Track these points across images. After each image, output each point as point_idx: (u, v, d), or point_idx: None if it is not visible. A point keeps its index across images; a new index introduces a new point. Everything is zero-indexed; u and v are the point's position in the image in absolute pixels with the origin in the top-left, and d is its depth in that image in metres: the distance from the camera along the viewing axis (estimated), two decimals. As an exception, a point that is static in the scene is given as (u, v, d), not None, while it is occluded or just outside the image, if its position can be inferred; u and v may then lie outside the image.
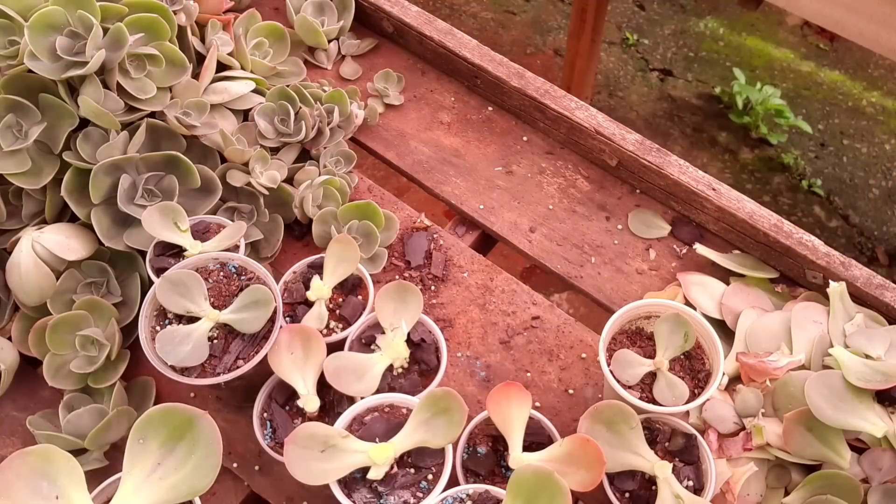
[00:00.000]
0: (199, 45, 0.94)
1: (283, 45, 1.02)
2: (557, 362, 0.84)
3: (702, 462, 0.68)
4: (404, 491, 0.63)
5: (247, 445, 0.79)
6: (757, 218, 0.85)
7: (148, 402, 0.80)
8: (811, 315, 0.80)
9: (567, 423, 0.73)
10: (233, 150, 0.87)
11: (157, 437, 0.54)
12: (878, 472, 0.69)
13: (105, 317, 0.78)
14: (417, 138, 1.00)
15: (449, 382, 0.81)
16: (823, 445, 0.70)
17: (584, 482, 0.61)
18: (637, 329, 0.75)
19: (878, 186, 2.23)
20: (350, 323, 0.77)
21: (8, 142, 0.77)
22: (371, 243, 0.86)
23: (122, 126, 0.81)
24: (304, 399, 0.70)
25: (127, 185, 0.80)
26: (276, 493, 0.76)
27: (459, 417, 0.63)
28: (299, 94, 0.93)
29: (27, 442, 0.78)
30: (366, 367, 0.71)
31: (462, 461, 0.69)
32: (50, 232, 0.79)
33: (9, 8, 0.79)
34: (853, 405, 0.69)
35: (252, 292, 0.71)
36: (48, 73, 0.76)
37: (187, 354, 0.68)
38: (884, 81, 2.42)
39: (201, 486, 0.54)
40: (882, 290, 0.81)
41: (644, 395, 0.71)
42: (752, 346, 0.80)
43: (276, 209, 0.89)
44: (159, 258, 0.78)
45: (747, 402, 0.76)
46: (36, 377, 0.81)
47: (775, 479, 0.73)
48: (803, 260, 0.84)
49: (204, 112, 0.86)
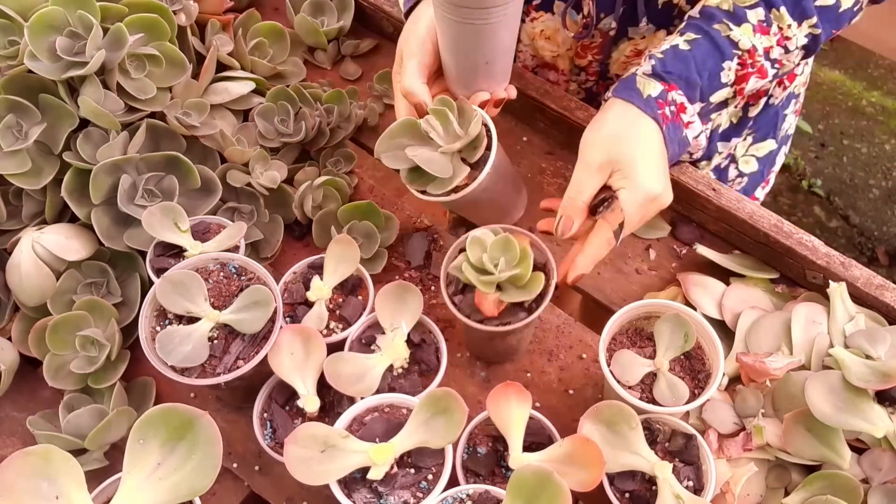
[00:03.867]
0: (199, 45, 0.94)
1: (283, 45, 1.02)
2: (557, 362, 0.84)
3: (702, 462, 0.68)
4: (404, 491, 0.63)
5: (247, 445, 0.79)
6: (757, 218, 0.85)
7: (148, 403, 0.80)
8: (811, 315, 0.80)
9: (567, 423, 0.73)
10: (233, 150, 0.87)
11: (157, 438, 0.54)
12: (878, 472, 0.69)
13: (105, 317, 0.78)
14: (417, 138, 1.00)
15: (449, 382, 0.81)
16: (823, 445, 0.70)
17: (584, 482, 0.61)
18: (637, 329, 0.75)
19: (878, 186, 2.23)
20: (350, 323, 0.77)
21: (8, 142, 0.77)
22: (371, 243, 0.86)
23: (122, 126, 0.81)
24: (304, 399, 0.70)
25: (127, 186, 0.80)
26: (276, 493, 0.76)
27: (459, 417, 0.63)
28: (299, 94, 0.93)
29: (27, 442, 0.78)
30: (366, 368, 0.71)
31: (462, 461, 0.69)
32: (50, 232, 0.79)
33: (9, 8, 0.79)
34: (853, 405, 0.69)
35: (252, 293, 0.71)
36: (48, 73, 0.76)
37: (187, 354, 0.68)
38: (884, 81, 2.42)
39: (201, 486, 0.54)
40: (882, 290, 0.81)
41: (644, 396, 0.71)
42: (752, 347, 0.80)
43: (276, 209, 0.89)
44: (159, 258, 0.78)
45: (747, 403, 0.76)
46: (36, 377, 0.81)
47: (775, 479, 0.73)
48: (803, 260, 0.84)
49: (204, 112, 0.86)
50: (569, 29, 0.94)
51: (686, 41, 0.77)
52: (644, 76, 0.76)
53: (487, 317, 0.71)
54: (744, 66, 0.77)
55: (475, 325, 0.71)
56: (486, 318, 0.71)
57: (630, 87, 0.75)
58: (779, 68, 0.79)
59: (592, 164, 0.73)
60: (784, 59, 0.79)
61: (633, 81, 0.76)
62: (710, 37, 0.76)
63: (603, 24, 0.91)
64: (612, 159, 0.73)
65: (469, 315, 0.72)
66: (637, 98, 0.74)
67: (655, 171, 0.73)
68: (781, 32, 0.77)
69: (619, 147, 0.73)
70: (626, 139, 0.73)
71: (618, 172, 0.73)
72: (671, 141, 0.75)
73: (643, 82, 0.75)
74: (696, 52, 0.76)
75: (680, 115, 0.76)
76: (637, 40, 0.93)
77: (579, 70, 1.00)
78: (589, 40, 0.94)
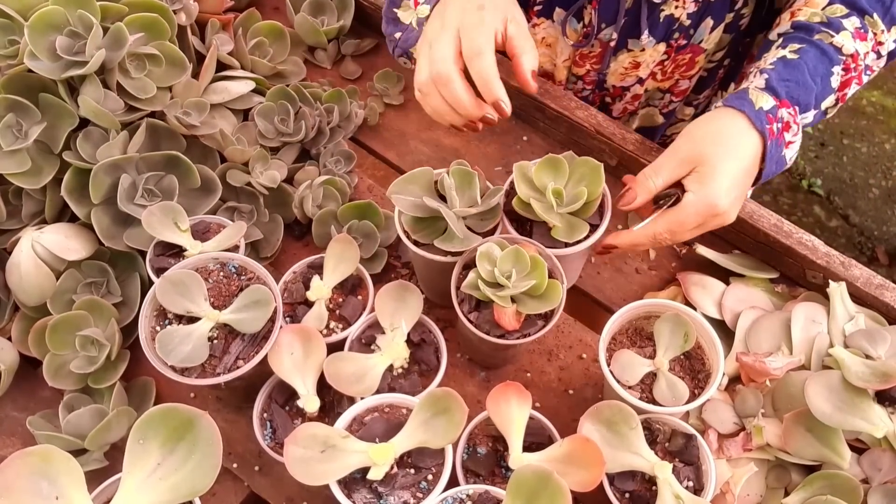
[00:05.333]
0: (199, 45, 0.94)
1: (283, 44, 1.02)
2: (557, 362, 0.84)
3: (702, 462, 0.68)
4: (404, 491, 0.63)
5: (247, 445, 0.78)
6: (757, 218, 0.85)
7: (148, 403, 0.80)
8: (811, 315, 0.80)
9: (567, 423, 0.73)
10: (233, 149, 0.87)
11: (157, 438, 0.54)
12: (878, 472, 0.69)
13: (105, 317, 0.78)
14: (417, 138, 1.00)
15: (449, 382, 0.81)
16: (823, 445, 0.70)
17: (584, 482, 0.61)
18: (637, 329, 0.75)
19: (878, 186, 2.23)
20: (350, 323, 0.77)
21: (8, 142, 0.77)
22: (371, 243, 0.86)
23: (122, 126, 0.81)
24: (304, 399, 0.70)
25: (127, 185, 0.80)
26: (276, 493, 0.76)
27: (459, 417, 0.63)
28: (299, 93, 0.93)
29: (27, 442, 0.78)
30: (366, 367, 0.71)
31: (462, 461, 0.69)
32: (50, 232, 0.79)
33: (9, 7, 0.78)
34: (853, 405, 0.69)
35: (252, 292, 0.71)
36: (48, 72, 0.76)
37: (187, 354, 0.68)
38: (884, 81, 2.42)
39: (201, 486, 0.54)
40: (882, 290, 0.81)
41: (644, 396, 0.71)
42: (752, 346, 0.80)
43: (276, 209, 0.89)
44: (159, 258, 0.78)
45: (747, 403, 0.76)
46: (36, 377, 0.81)
47: (775, 479, 0.73)
48: (803, 260, 0.84)
49: (204, 112, 0.86)
50: (568, 37, 0.93)
51: (791, 52, 0.76)
52: (756, 90, 0.75)
53: (509, 331, 0.70)
54: (847, 70, 0.77)
55: (496, 340, 0.70)
56: (507, 332, 0.71)
57: (742, 98, 0.74)
58: (870, 74, 0.79)
59: (679, 153, 0.72)
60: (875, 64, 0.79)
61: (745, 93, 0.75)
62: (815, 44, 0.76)
63: (603, 35, 0.91)
64: (699, 157, 0.71)
65: (488, 331, 0.71)
66: (749, 108, 0.73)
67: (732, 186, 0.71)
68: (876, 38, 0.77)
69: (711, 149, 0.71)
70: (720, 144, 0.72)
71: (696, 173, 0.71)
72: (770, 159, 0.73)
73: (756, 95, 0.74)
74: (805, 60, 0.75)
75: (783, 134, 0.74)
76: (636, 52, 0.92)
77: (576, 78, 1.00)
78: (588, 49, 0.94)
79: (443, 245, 0.73)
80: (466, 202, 0.74)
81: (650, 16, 0.87)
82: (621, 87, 0.99)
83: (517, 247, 0.70)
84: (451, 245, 0.72)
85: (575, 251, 0.75)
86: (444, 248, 0.73)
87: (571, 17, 0.91)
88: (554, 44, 0.97)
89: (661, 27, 0.89)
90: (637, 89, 1.00)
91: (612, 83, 0.98)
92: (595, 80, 0.98)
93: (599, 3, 0.88)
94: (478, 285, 0.69)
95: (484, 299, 0.70)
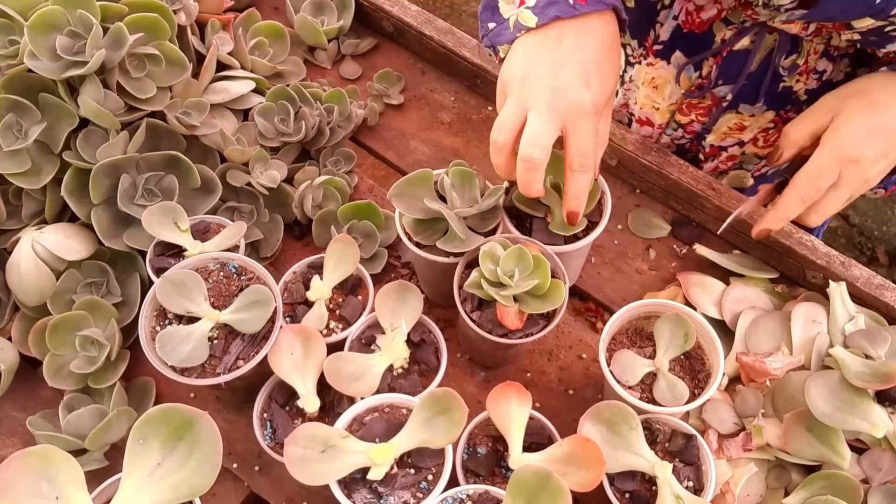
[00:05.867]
0: (199, 45, 0.93)
1: (283, 44, 1.02)
2: (557, 362, 0.84)
3: (702, 462, 0.68)
4: (404, 491, 0.63)
5: (247, 445, 0.78)
6: (757, 218, 0.85)
7: (148, 403, 0.80)
8: (811, 315, 0.80)
9: (567, 423, 0.73)
10: (233, 149, 0.87)
11: (158, 438, 0.54)
12: (878, 472, 0.69)
13: (105, 317, 0.78)
14: (417, 138, 1.00)
15: (449, 382, 0.81)
16: (823, 445, 0.70)
17: (584, 482, 0.61)
18: (637, 329, 0.75)
19: (878, 186, 2.22)
20: (350, 323, 0.77)
21: (8, 142, 0.77)
22: (371, 243, 0.86)
23: (122, 126, 0.81)
24: (304, 399, 0.70)
25: (127, 185, 0.80)
26: (276, 493, 0.76)
27: (459, 417, 0.63)
28: (299, 93, 0.93)
29: (27, 442, 0.78)
30: (366, 367, 0.71)
31: (462, 461, 0.69)
32: (50, 232, 0.79)
33: (9, 8, 0.78)
34: (853, 405, 0.69)
35: (252, 292, 0.71)
36: (48, 72, 0.76)
37: (187, 354, 0.68)
38: (884, 81, 2.41)
39: (201, 486, 0.54)
40: (882, 290, 0.81)
41: (644, 396, 0.71)
42: (751, 346, 0.80)
43: (276, 209, 0.89)
44: (159, 258, 0.78)
45: (747, 403, 0.76)
46: (36, 377, 0.81)
47: (775, 479, 0.73)
48: (803, 260, 0.84)
49: (204, 112, 0.86)
50: (681, 85, 0.92)
51: None
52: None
53: (511, 330, 0.70)
54: None
55: (499, 339, 0.70)
56: (510, 331, 0.71)
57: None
58: None
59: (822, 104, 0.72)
60: None
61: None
62: None
63: (718, 91, 0.89)
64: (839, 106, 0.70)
65: (491, 330, 0.71)
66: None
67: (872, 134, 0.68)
68: None
69: (852, 99, 0.70)
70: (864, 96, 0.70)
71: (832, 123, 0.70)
72: None
73: None
74: None
75: None
76: (745, 116, 0.91)
77: (678, 126, 0.97)
78: (697, 100, 0.92)
79: (445, 246, 0.73)
80: (466, 202, 0.74)
81: (771, 84, 0.86)
82: (719, 146, 0.98)
83: (520, 246, 0.70)
84: (454, 246, 0.72)
85: (576, 248, 0.75)
86: (447, 249, 0.73)
87: (691, 65, 0.90)
88: (661, 86, 0.94)
89: (779, 97, 0.88)
90: (735, 150, 0.98)
91: (710, 141, 0.96)
92: (697, 131, 0.97)
93: (724, 59, 0.86)
94: (481, 284, 0.69)
95: (487, 298, 0.70)
